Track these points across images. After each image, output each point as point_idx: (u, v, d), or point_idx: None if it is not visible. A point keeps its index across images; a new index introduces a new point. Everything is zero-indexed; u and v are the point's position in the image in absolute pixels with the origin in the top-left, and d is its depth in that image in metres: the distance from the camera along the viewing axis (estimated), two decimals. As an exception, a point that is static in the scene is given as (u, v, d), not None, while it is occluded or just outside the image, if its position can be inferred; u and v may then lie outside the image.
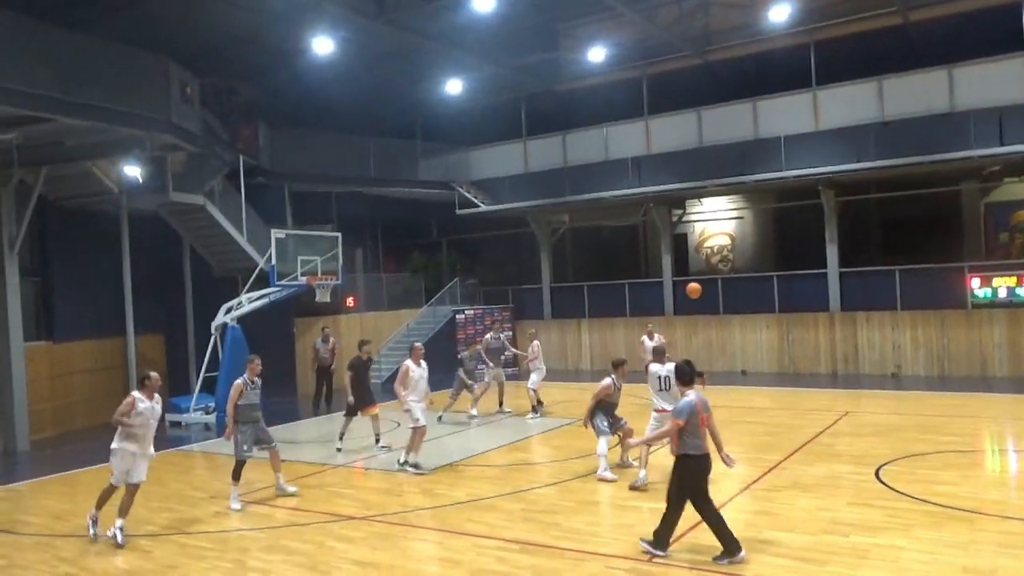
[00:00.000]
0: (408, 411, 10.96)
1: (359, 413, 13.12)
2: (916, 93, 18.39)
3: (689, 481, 7.11)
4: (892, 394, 16.43)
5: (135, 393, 8.83)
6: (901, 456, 10.68)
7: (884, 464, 10.23)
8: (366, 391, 13.29)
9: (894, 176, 19.24)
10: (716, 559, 6.96)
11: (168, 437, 15.30)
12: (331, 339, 18.27)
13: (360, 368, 13.26)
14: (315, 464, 12.15)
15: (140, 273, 17.17)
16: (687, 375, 7.46)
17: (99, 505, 8.76)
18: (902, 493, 8.91)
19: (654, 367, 9.98)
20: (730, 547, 6.95)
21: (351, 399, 13.02)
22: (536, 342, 16.12)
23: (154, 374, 9.05)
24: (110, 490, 8.75)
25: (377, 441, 13.05)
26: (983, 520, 7.90)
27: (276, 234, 16.89)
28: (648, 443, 9.08)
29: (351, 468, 11.90)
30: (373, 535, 8.37)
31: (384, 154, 23.76)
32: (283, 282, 16.92)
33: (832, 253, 19.95)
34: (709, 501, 7.15)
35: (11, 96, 12.01)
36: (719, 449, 7.36)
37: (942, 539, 7.35)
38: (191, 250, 19.65)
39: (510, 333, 23.07)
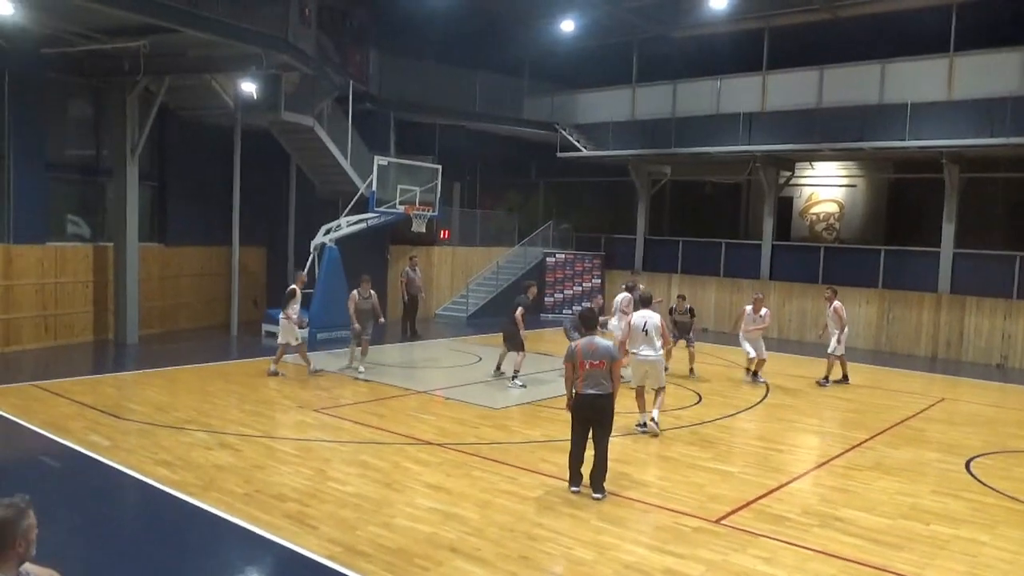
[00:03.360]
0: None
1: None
2: (1066, 67, 16.93)
3: (573, 416, 7.76)
4: (995, 385, 15.62)
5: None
6: (996, 450, 10.20)
7: (976, 456, 9.80)
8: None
9: (1029, 156, 17.89)
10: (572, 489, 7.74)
11: (263, 346, 16.06)
12: (418, 268, 18.60)
13: (529, 308, 13.42)
14: (399, 388, 12.54)
15: (248, 187, 17.82)
16: (584, 322, 8.16)
17: None
18: (992, 488, 8.53)
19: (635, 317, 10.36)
20: (574, 479, 7.73)
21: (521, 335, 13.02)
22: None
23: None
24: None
25: (499, 370, 13.39)
26: (1078, 527, 7.50)
27: (379, 161, 17.18)
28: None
29: (432, 395, 12.23)
30: (447, 462, 8.64)
31: (490, 90, 23.64)
32: (382, 209, 17.28)
33: (948, 232, 18.86)
34: (580, 438, 7.70)
35: (144, 5, 12.51)
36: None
37: (1030, 540, 7.04)
38: (297, 169, 20.23)
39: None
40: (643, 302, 10.67)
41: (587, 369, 7.63)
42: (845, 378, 14.49)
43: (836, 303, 14.27)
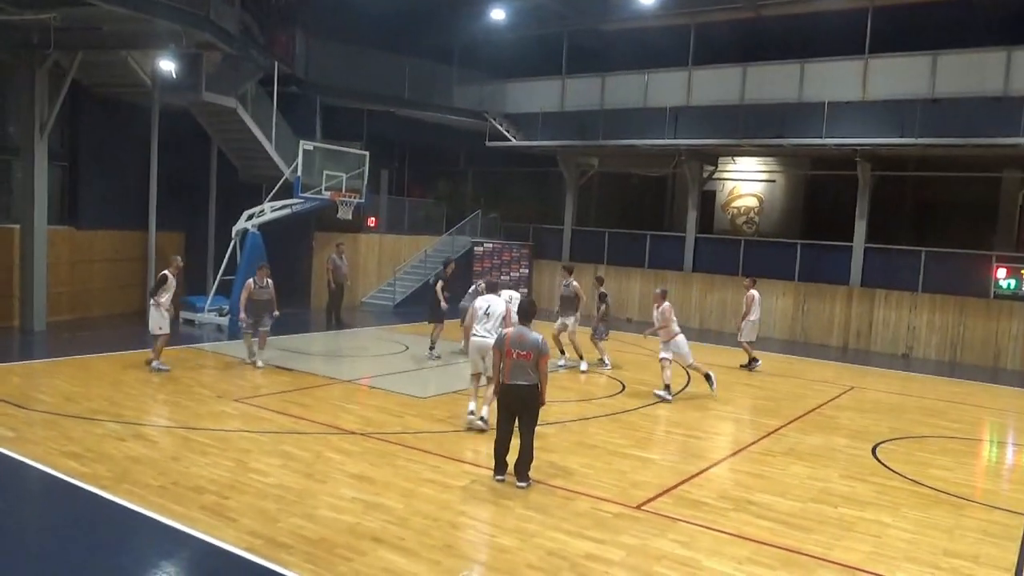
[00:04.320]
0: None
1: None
2: (971, 72, 17.81)
3: (499, 405, 7.88)
4: (900, 374, 16.40)
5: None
6: (900, 436, 10.72)
7: (882, 442, 10.28)
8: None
9: (935, 156, 18.76)
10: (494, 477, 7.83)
11: (181, 334, 15.56)
12: (344, 256, 18.31)
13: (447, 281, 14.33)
14: (322, 376, 12.36)
15: (167, 169, 17.20)
16: (521, 313, 8.20)
17: None
18: (895, 472, 8.97)
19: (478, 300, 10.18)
20: (498, 468, 7.80)
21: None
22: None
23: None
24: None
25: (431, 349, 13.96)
26: (971, 507, 7.95)
27: (305, 145, 16.82)
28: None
29: (357, 384, 12.10)
30: (371, 451, 8.56)
31: (419, 76, 23.42)
32: (307, 194, 16.94)
33: (860, 228, 19.66)
34: (505, 427, 7.77)
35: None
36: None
37: (928, 521, 7.43)
38: (219, 152, 19.64)
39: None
40: (489, 287, 10.51)
41: (514, 359, 7.67)
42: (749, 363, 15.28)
43: (750, 292, 14.89)
